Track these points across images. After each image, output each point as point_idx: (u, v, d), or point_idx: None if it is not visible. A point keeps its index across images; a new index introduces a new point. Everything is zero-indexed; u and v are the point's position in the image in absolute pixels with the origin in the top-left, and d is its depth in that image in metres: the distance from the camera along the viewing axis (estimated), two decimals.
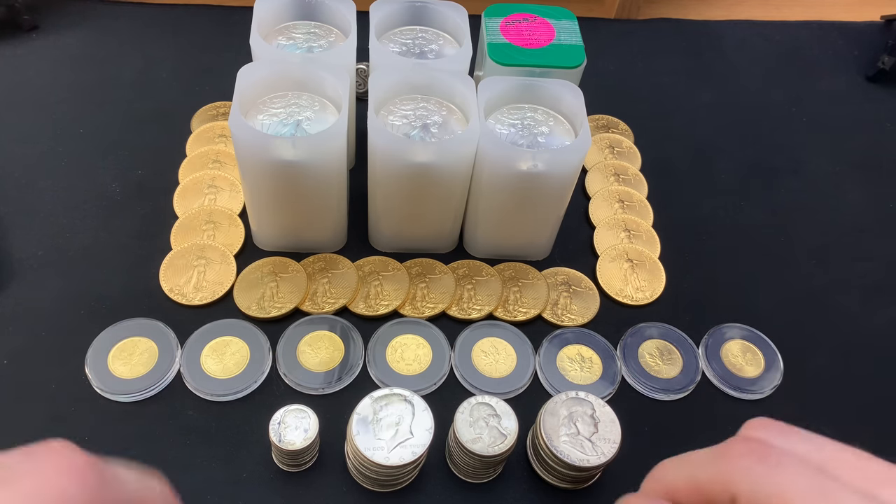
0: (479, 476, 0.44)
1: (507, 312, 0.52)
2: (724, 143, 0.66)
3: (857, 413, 0.50)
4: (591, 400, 0.43)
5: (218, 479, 0.43)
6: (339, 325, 0.50)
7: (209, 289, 0.50)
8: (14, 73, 0.63)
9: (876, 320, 0.55)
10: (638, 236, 0.57)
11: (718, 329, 0.53)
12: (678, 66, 0.72)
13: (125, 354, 0.47)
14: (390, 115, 0.49)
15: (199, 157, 0.58)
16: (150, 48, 0.66)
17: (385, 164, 0.47)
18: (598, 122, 0.66)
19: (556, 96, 0.50)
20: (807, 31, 0.78)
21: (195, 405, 0.46)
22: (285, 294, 0.50)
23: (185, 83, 0.64)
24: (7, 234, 0.52)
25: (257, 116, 0.48)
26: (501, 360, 0.49)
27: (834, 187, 0.64)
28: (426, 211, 0.51)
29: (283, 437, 0.41)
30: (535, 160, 0.47)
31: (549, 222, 0.52)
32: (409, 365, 0.48)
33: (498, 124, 0.50)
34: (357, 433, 0.40)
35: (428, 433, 0.41)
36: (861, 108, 0.71)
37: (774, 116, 0.69)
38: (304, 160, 0.46)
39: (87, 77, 0.63)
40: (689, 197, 0.61)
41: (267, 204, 0.50)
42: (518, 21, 0.54)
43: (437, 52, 0.53)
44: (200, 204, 0.55)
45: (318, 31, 0.53)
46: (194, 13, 0.70)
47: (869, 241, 0.60)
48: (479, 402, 0.43)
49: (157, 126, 0.61)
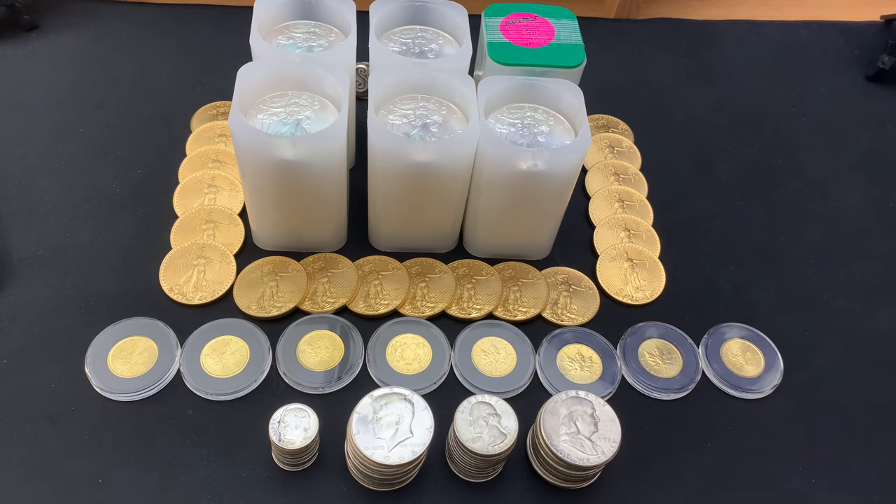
0: (478, 475, 0.44)
1: (507, 312, 0.52)
2: (724, 143, 0.66)
3: (857, 413, 0.50)
4: (591, 399, 0.43)
5: (218, 479, 0.43)
6: (338, 324, 0.50)
7: (209, 288, 0.50)
8: (14, 73, 0.63)
9: (876, 320, 0.55)
10: (638, 236, 0.57)
11: (718, 328, 0.53)
12: (678, 66, 0.72)
13: (125, 354, 0.47)
14: (390, 114, 0.49)
15: (198, 157, 0.58)
16: (150, 48, 0.67)
17: (385, 164, 0.47)
18: (598, 122, 0.66)
19: (555, 96, 0.50)
20: (807, 31, 0.78)
21: (195, 404, 0.46)
22: (285, 293, 0.50)
23: (185, 83, 0.64)
24: (7, 234, 0.52)
25: (257, 116, 0.48)
26: (501, 359, 0.49)
27: (834, 187, 0.64)
28: (426, 210, 0.51)
29: (282, 437, 0.41)
30: (534, 159, 0.47)
31: (549, 222, 0.52)
32: (408, 364, 0.48)
33: (498, 124, 0.50)
34: (357, 432, 0.40)
35: (428, 432, 0.41)
36: (861, 108, 0.71)
37: (774, 116, 0.69)
38: (304, 160, 0.46)
39: (87, 77, 0.63)
40: (689, 197, 0.61)
41: (267, 203, 0.50)
42: (518, 20, 0.54)
43: (437, 52, 0.53)
44: (200, 203, 0.55)
45: (318, 31, 0.53)
46: (194, 13, 0.70)
47: (869, 240, 0.60)
48: (478, 401, 0.43)
49: (157, 126, 0.61)
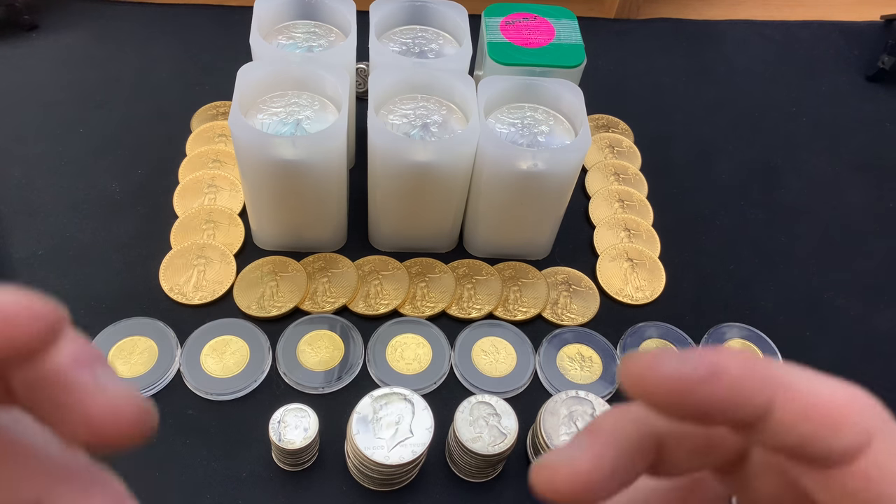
0: (478, 475, 0.44)
1: (507, 312, 0.52)
2: (724, 143, 0.66)
3: None
4: (591, 399, 0.43)
5: (218, 479, 0.43)
6: (338, 324, 0.50)
7: (209, 288, 0.50)
8: (14, 72, 0.63)
9: (876, 320, 0.55)
10: (638, 236, 0.57)
11: (718, 329, 0.53)
12: (678, 66, 0.72)
13: (125, 353, 0.47)
14: (390, 114, 0.49)
15: (198, 157, 0.58)
16: (150, 48, 0.66)
17: (385, 164, 0.47)
18: (598, 122, 0.66)
19: (555, 96, 0.50)
20: (807, 31, 0.78)
21: (195, 404, 0.46)
22: (285, 293, 0.50)
23: (185, 83, 0.64)
24: (7, 234, 0.52)
25: (257, 116, 0.48)
26: (501, 359, 0.49)
27: (834, 187, 0.64)
28: (426, 210, 0.51)
29: (282, 437, 0.41)
30: (534, 159, 0.47)
31: (549, 222, 0.52)
32: (408, 364, 0.48)
33: (498, 123, 0.50)
34: (357, 432, 0.40)
35: (428, 432, 0.41)
36: (861, 108, 0.71)
37: (774, 116, 0.69)
38: (304, 159, 0.46)
39: (87, 77, 0.63)
40: (689, 197, 0.61)
41: (267, 203, 0.50)
42: (518, 20, 0.54)
43: (437, 52, 0.53)
44: (200, 203, 0.55)
45: (318, 31, 0.53)
46: (194, 13, 0.70)
47: (869, 241, 0.60)
48: (479, 401, 0.43)
49: (157, 126, 0.61)
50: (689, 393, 0.15)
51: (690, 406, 0.15)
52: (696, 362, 0.15)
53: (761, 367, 0.16)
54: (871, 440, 0.16)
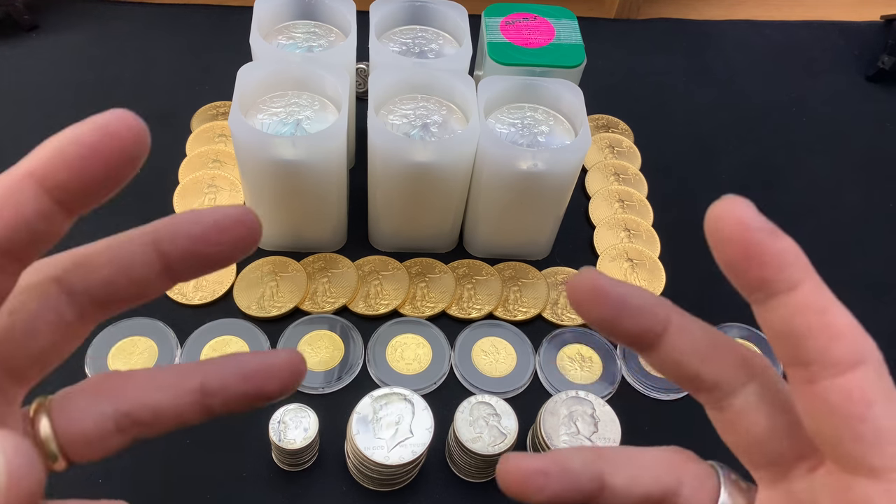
0: (478, 475, 0.44)
1: (507, 312, 0.52)
2: (724, 142, 0.66)
3: None
4: (591, 399, 0.43)
5: (218, 479, 0.43)
6: (338, 324, 0.50)
7: (209, 288, 0.50)
8: (14, 72, 0.63)
9: (876, 320, 0.55)
10: (638, 236, 0.57)
11: (718, 328, 0.52)
12: (678, 66, 0.72)
13: (125, 354, 0.47)
14: (390, 114, 0.49)
15: (198, 157, 0.58)
16: (150, 48, 0.66)
17: (385, 164, 0.47)
18: (598, 122, 0.66)
19: (555, 96, 0.50)
20: (807, 31, 0.78)
21: None
22: (285, 293, 0.50)
23: (185, 83, 0.64)
24: None
25: (257, 116, 0.48)
26: (501, 359, 0.49)
27: (834, 187, 0.64)
28: (426, 210, 0.51)
29: (283, 437, 0.41)
30: (534, 159, 0.47)
31: (549, 222, 0.52)
32: (408, 364, 0.48)
33: (498, 124, 0.50)
34: (357, 432, 0.40)
35: (428, 432, 0.41)
36: (861, 108, 0.71)
37: (774, 116, 0.69)
38: (304, 159, 0.46)
39: (87, 77, 0.63)
40: (689, 197, 0.61)
41: (267, 203, 0.50)
42: (518, 20, 0.54)
43: (437, 52, 0.53)
44: (200, 203, 0.55)
45: (317, 31, 0.53)
46: (194, 13, 0.70)
47: (869, 241, 0.60)
48: (478, 401, 0.43)
49: (157, 126, 0.60)
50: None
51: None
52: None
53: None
54: (861, 364, 0.18)
